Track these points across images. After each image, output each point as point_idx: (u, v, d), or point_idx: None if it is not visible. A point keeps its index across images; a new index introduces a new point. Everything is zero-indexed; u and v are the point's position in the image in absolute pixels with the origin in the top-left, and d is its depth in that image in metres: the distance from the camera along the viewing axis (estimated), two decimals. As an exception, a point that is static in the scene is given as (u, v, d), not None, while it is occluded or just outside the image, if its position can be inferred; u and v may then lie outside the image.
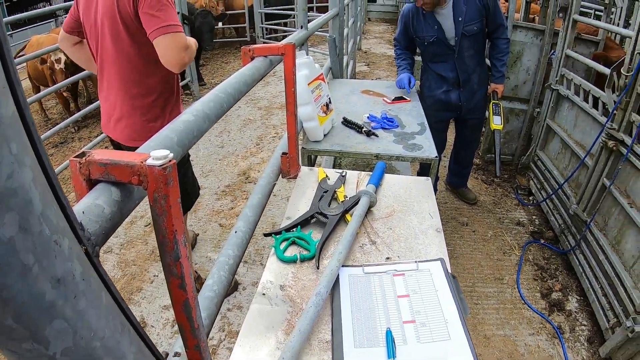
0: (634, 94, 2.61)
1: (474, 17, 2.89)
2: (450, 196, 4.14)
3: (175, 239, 0.62)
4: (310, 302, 1.04)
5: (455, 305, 1.10)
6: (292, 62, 1.42)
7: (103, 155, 0.60)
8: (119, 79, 2.10)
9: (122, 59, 2.04)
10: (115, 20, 1.93)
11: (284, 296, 1.14)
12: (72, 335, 0.43)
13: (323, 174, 1.65)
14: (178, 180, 0.61)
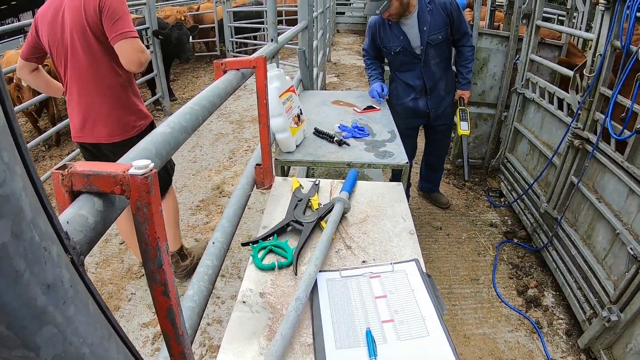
0: (597, 94, 2.70)
1: (438, 26, 2.95)
2: (423, 201, 4.19)
3: (158, 246, 0.64)
4: (290, 307, 1.06)
5: (432, 302, 1.14)
6: (264, 74, 1.44)
7: (85, 166, 0.61)
8: (93, 85, 2.34)
9: (95, 66, 2.30)
10: (85, 32, 2.20)
11: (264, 303, 1.15)
12: (62, 341, 0.44)
13: (297, 184, 1.68)
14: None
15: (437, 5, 2.92)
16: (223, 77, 1.36)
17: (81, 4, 2.16)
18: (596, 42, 2.69)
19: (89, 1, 2.16)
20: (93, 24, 2.18)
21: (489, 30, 4.18)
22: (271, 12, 2.78)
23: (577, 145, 2.87)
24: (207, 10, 10.46)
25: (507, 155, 4.18)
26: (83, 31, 2.19)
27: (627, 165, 2.42)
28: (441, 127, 3.53)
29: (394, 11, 2.87)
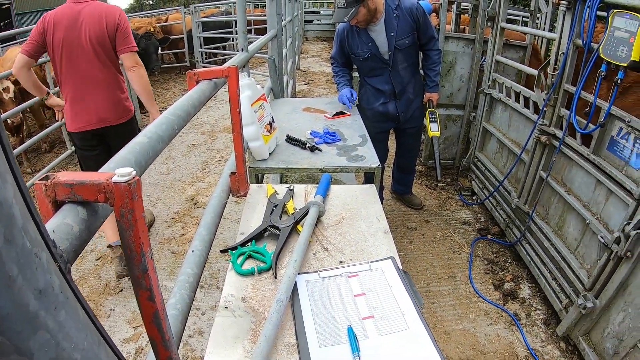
0: (561, 90, 2.77)
1: (405, 31, 3.00)
2: (397, 204, 4.23)
3: (143, 251, 0.64)
4: (272, 309, 1.07)
5: (410, 297, 1.18)
6: (236, 83, 1.45)
7: (68, 176, 0.61)
8: (105, 82, 2.91)
9: (106, 65, 2.88)
10: (105, 39, 2.80)
11: (246, 307, 1.16)
12: (55, 346, 0.43)
13: (272, 190, 1.69)
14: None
15: (404, 11, 2.97)
16: (196, 87, 1.36)
17: (103, 18, 2.77)
18: (559, 41, 2.77)
19: (109, 17, 2.79)
20: (111, 34, 2.81)
21: (455, 34, 4.25)
22: (241, 21, 2.77)
23: (544, 141, 2.94)
24: (175, 21, 10.37)
25: (477, 154, 4.26)
26: (103, 37, 2.79)
27: (593, 157, 2.49)
28: (411, 129, 3.57)
29: (361, 18, 2.90)
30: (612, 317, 2.31)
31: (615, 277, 2.27)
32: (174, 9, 14.11)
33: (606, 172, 2.40)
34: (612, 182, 2.36)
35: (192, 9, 10.05)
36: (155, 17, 11.12)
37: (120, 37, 2.84)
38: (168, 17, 10.87)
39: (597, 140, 2.46)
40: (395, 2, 2.97)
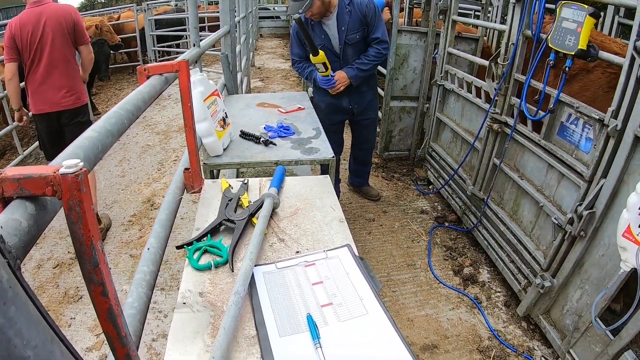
0: (512, 80, 2.82)
1: (355, 26, 3.00)
2: (355, 196, 4.22)
3: (93, 245, 0.63)
4: (230, 301, 1.05)
5: (367, 283, 1.17)
6: (187, 78, 1.44)
7: (15, 171, 0.59)
8: (64, 67, 3.36)
9: (67, 55, 3.37)
10: (65, 35, 3.29)
11: (204, 302, 1.14)
12: (6, 343, 0.41)
13: (226, 184, 1.66)
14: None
15: (356, 7, 2.97)
16: (147, 82, 1.35)
17: (62, 17, 3.25)
18: (509, 32, 2.82)
19: (67, 16, 3.28)
20: (70, 31, 3.31)
21: (407, 27, 4.28)
22: (192, 17, 2.70)
23: (496, 129, 2.99)
24: (127, 19, 10.05)
25: (432, 144, 4.30)
26: (63, 34, 3.27)
27: (544, 143, 2.55)
28: (365, 121, 3.56)
29: (316, 10, 2.89)
30: (570, 295, 2.38)
31: (570, 256, 2.33)
32: (126, 7, 13.68)
33: (557, 157, 2.46)
34: (564, 166, 2.42)
35: (145, 7, 9.78)
36: (107, 16, 10.77)
37: (79, 33, 3.38)
38: (120, 15, 10.51)
39: (548, 126, 2.52)
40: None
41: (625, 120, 1.95)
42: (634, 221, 1.72)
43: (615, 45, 2.53)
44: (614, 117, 2.01)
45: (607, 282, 2.10)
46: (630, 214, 1.73)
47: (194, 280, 1.21)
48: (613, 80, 2.36)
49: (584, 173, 2.23)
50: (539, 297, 2.59)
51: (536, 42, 2.50)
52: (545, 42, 2.35)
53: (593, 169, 2.16)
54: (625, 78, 1.92)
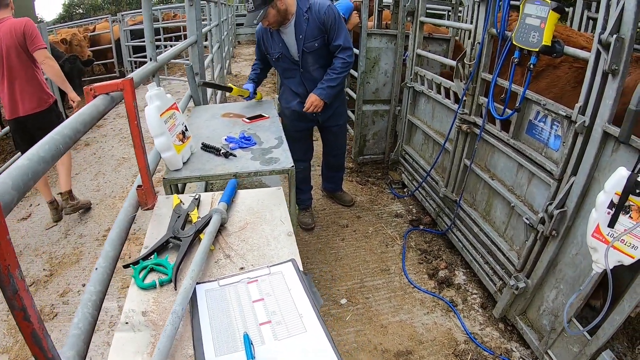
0: (479, 79, 2.76)
1: (314, 34, 2.90)
2: (328, 202, 4.12)
3: (10, 273, 0.65)
4: (168, 321, 1.02)
5: (308, 299, 1.14)
6: (132, 96, 1.41)
7: None
8: (23, 77, 3.54)
9: (23, 66, 3.51)
10: (17, 46, 3.42)
11: (146, 321, 1.11)
12: None
13: (177, 200, 1.61)
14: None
15: (314, 14, 2.86)
16: (90, 103, 1.33)
17: (12, 31, 3.37)
18: (474, 31, 2.75)
19: (17, 28, 3.38)
20: (20, 41, 3.41)
21: (377, 30, 4.19)
22: (148, 30, 2.57)
23: (465, 130, 2.92)
24: (103, 30, 9.85)
25: (405, 147, 4.23)
26: (15, 45, 3.41)
27: (513, 142, 2.48)
28: (333, 128, 3.47)
29: (272, 19, 2.80)
30: (546, 295, 2.31)
31: (543, 256, 2.26)
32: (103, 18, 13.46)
33: (526, 155, 2.39)
34: (533, 165, 2.35)
35: (120, 17, 9.61)
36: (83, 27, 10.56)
37: (29, 41, 3.43)
38: (95, 26, 10.31)
39: (516, 125, 2.45)
40: (307, 4, 2.87)
41: (593, 116, 1.88)
42: (602, 220, 1.64)
43: (582, 40, 2.47)
44: (582, 113, 1.94)
45: (582, 281, 2.03)
46: (599, 213, 1.65)
47: (138, 299, 1.17)
48: (580, 75, 2.30)
49: (553, 171, 2.16)
50: (515, 298, 2.52)
51: (501, 40, 2.44)
52: (510, 39, 2.28)
53: (562, 166, 2.09)
54: (592, 73, 1.85)
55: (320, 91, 3.00)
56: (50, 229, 3.92)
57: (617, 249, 1.63)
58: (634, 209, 1.57)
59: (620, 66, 1.71)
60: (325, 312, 2.78)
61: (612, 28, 1.68)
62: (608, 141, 1.85)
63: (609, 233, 1.63)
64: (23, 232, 3.89)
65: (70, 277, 3.24)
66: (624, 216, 1.59)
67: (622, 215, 1.60)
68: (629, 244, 1.60)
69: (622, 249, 1.62)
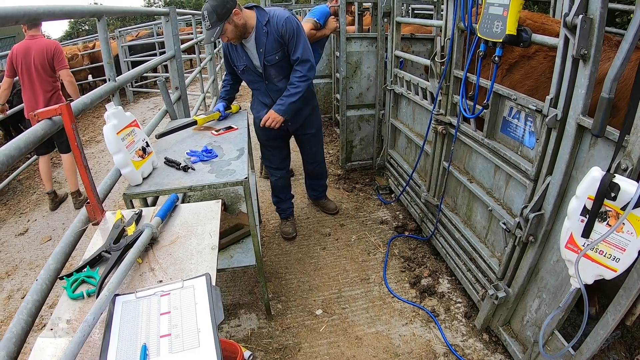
0: (452, 77, 2.52)
1: (274, 48, 2.73)
2: (312, 211, 3.89)
3: None
4: (78, 329, 1.02)
5: (210, 314, 1.12)
6: (70, 120, 1.43)
7: None
8: (46, 90, 4.06)
9: (48, 79, 4.04)
10: (45, 65, 3.97)
11: (68, 328, 1.14)
12: None
13: (120, 215, 1.61)
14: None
15: (272, 27, 2.69)
16: (28, 129, 1.35)
17: (44, 49, 3.93)
18: (444, 27, 2.51)
19: (49, 48, 3.96)
20: (49, 59, 3.97)
21: (356, 34, 3.98)
22: (105, 52, 2.45)
23: (440, 131, 2.68)
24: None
25: (390, 151, 3.98)
26: (44, 62, 3.96)
27: (487, 142, 2.24)
28: (306, 136, 3.28)
29: (230, 35, 2.63)
30: (529, 305, 2.07)
31: (523, 263, 2.02)
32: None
33: (502, 155, 2.14)
34: (509, 165, 2.11)
35: (117, 34, 9.50)
36: (82, 45, 10.47)
37: (56, 61, 4.01)
38: (95, 43, 10.19)
39: (490, 123, 2.21)
40: (266, 17, 2.70)
41: (566, 109, 1.62)
42: (576, 229, 1.37)
43: (558, 27, 2.21)
44: (553, 106, 1.68)
45: (565, 290, 1.78)
46: (572, 221, 1.38)
47: (65, 308, 1.22)
48: (555, 65, 2.05)
49: (528, 171, 1.90)
50: (497, 308, 2.26)
51: (469, 34, 2.19)
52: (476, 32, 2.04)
53: (537, 166, 1.83)
54: (562, 60, 1.60)
55: (279, 107, 2.82)
56: (45, 244, 3.87)
57: (596, 262, 1.37)
58: (612, 215, 1.30)
59: (591, 50, 1.45)
60: (299, 323, 2.57)
61: (578, 8, 1.43)
62: (584, 135, 1.60)
63: (584, 243, 1.37)
64: (19, 247, 3.85)
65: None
66: (601, 224, 1.33)
67: (599, 223, 1.33)
68: (608, 255, 1.34)
69: (601, 261, 1.36)
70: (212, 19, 2.52)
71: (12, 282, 3.30)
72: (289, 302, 2.75)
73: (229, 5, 2.54)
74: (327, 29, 3.71)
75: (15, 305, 3.07)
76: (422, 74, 3.75)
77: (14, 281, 3.32)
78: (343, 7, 3.74)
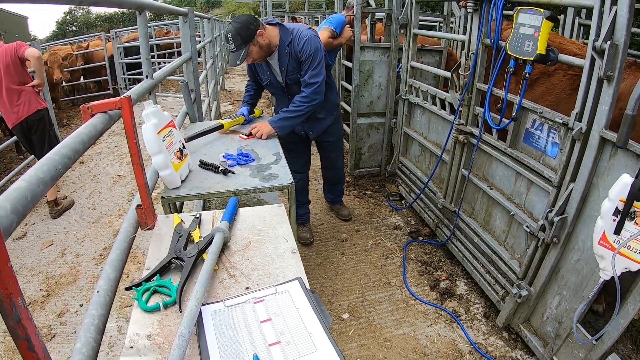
0: (474, 89, 2.78)
1: (294, 67, 2.88)
2: (327, 217, 4.12)
3: (12, 301, 0.62)
4: (174, 344, 0.99)
5: (317, 318, 1.13)
6: (130, 114, 1.39)
7: None
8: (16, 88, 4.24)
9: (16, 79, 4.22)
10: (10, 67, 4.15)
11: (152, 345, 1.08)
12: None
13: (178, 220, 1.59)
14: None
15: (293, 49, 2.82)
16: (87, 122, 1.29)
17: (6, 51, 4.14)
18: (468, 42, 2.79)
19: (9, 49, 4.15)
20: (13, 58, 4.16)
21: (370, 44, 4.25)
22: (144, 48, 2.54)
23: (462, 140, 2.94)
24: (96, 48, 9.85)
25: (401, 159, 4.25)
26: (8, 63, 4.14)
27: (510, 151, 2.50)
28: (326, 143, 3.49)
29: (255, 55, 2.75)
30: (549, 302, 2.31)
31: (545, 263, 2.27)
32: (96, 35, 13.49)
33: (524, 164, 2.41)
34: (532, 173, 2.37)
35: (113, 35, 9.63)
36: (76, 45, 10.57)
37: (19, 52, 4.18)
38: (89, 44, 10.32)
39: (513, 134, 2.47)
40: (289, 37, 2.82)
41: (590, 122, 1.90)
42: (608, 228, 1.65)
43: (574, 47, 2.51)
44: (578, 120, 1.96)
45: (585, 286, 2.05)
46: (605, 221, 1.66)
47: (142, 322, 1.15)
48: (575, 82, 2.34)
49: (552, 179, 2.17)
50: (518, 306, 2.52)
51: (495, 50, 2.47)
52: (504, 49, 2.32)
53: (561, 174, 2.11)
54: (587, 79, 1.88)
55: (274, 120, 2.88)
56: (47, 249, 3.89)
57: (624, 256, 1.65)
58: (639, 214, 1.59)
59: (615, 72, 1.74)
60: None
61: (606, 35, 1.72)
62: (605, 147, 1.87)
63: (615, 240, 1.64)
64: (19, 252, 3.86)
65: (67, 297, 3.21)
66: (630, 222, 1.61)
67: (628, 222, 1.61)
68: (635, 250, 1.62)
69: (629, 255, 1.64)
70: (236, 41, 2.60)
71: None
72: (315, 307, 2.95)
73: (253, 27, 2.63)
74: (342, 38, 3.96)
75: (20, 315, 3.12)
76: (430, 83, 4.03)
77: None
78: (359, 16, 4.00)
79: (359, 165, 4.79)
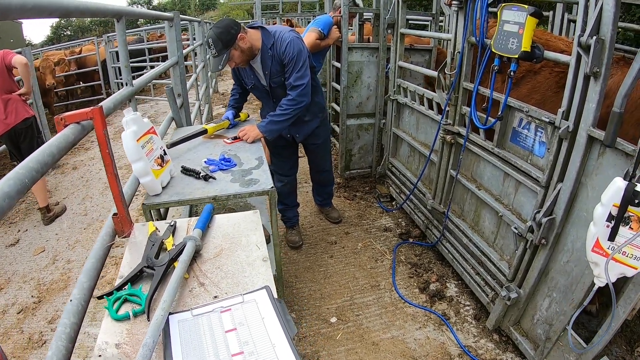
0: (460, 89, 2.72)
1: (277, 70, 2.83)
2: (316, 219, 4.05)
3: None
4: (139, 354, 0.98)
5: (282, 328, 1.11)
6: (102, 125, 1.38)
7: None
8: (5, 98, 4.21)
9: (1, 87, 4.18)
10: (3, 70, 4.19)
11: (119, 354, 1.07)
12: None
13: (153, 228, 1.56)
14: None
15: (276, 51, 2.78)
16: (59, 134, 1.30)
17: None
18: (454, 41, 2.72)
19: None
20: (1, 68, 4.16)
21: (358, 44, 4.17)
22: (123, 55, 2.51)
23: (449, 140, 2.88)
24: (89, 52, 9.77)
25: (391, 160, 4.18)
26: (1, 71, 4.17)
27: (497, 151, 2.43)
28: (313, 146, 3.42)
29: (238, 60, 2.72)
30: (539, 304, 2.25)
31: (534, 265, 2.21)
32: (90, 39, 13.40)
33: (512, 164, 2.34)
34: (519, 173, 2.30)
35: (105, 39, 9.54)
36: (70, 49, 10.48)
37: (6, 62, 4.17)
38: (82, 48, 10.22)
39: (500, 133, 2.41)
40: (272, 40, 2.77)
41: (577, 121, 1.83)
42: (602, 234, 1.57)
43: (561, 43, 2.45)
44: (565, 118, 1.89)
45: (575, 289, 1.98)
46: (598, 227, 1.58)
47: (111, 331, 1.14)
48: (562, 79, 2.27)
49: (539, 179, 2.11)
50: (508, 309, 2.45)
51: (481, 48, 2.40)
52: (490, 47, 2.25)
53: (548, 173, 2.04)
54: (573, 76, 1.81)
55: (262, 124, 2.83)
56: (38, 255, 3.86)
57: (619, 261, 1.57)
58: (634, 219, 1.50)
59: (602, 68, 1.66)
60: (315, 332, 2.70)
61: (592, 30, 1.64)
62: (593, 145, 1.81)
63: (610, 246, 1.57)
64: (11, 259, 3.83)
65: (58, 304, 3.17)
66: (624, 227, 1.52)
67: (622, 227, 1.53)
68: (630, 255, 1.54)
69: (624, 260, 1.56)
70: (217, 46, 2.57)
71: (6, 296, 3.31)
72: (303, 310, 2.88)
73: (234, 31, 2.60)
74: (330, 39, 3.89)
75: (11, 321, 3.06)
76: (420, 83, 3.96)
77: (8, 295, 3.32)
78: (346, 17, 3.93)
79: (349, 166, 4.71)
